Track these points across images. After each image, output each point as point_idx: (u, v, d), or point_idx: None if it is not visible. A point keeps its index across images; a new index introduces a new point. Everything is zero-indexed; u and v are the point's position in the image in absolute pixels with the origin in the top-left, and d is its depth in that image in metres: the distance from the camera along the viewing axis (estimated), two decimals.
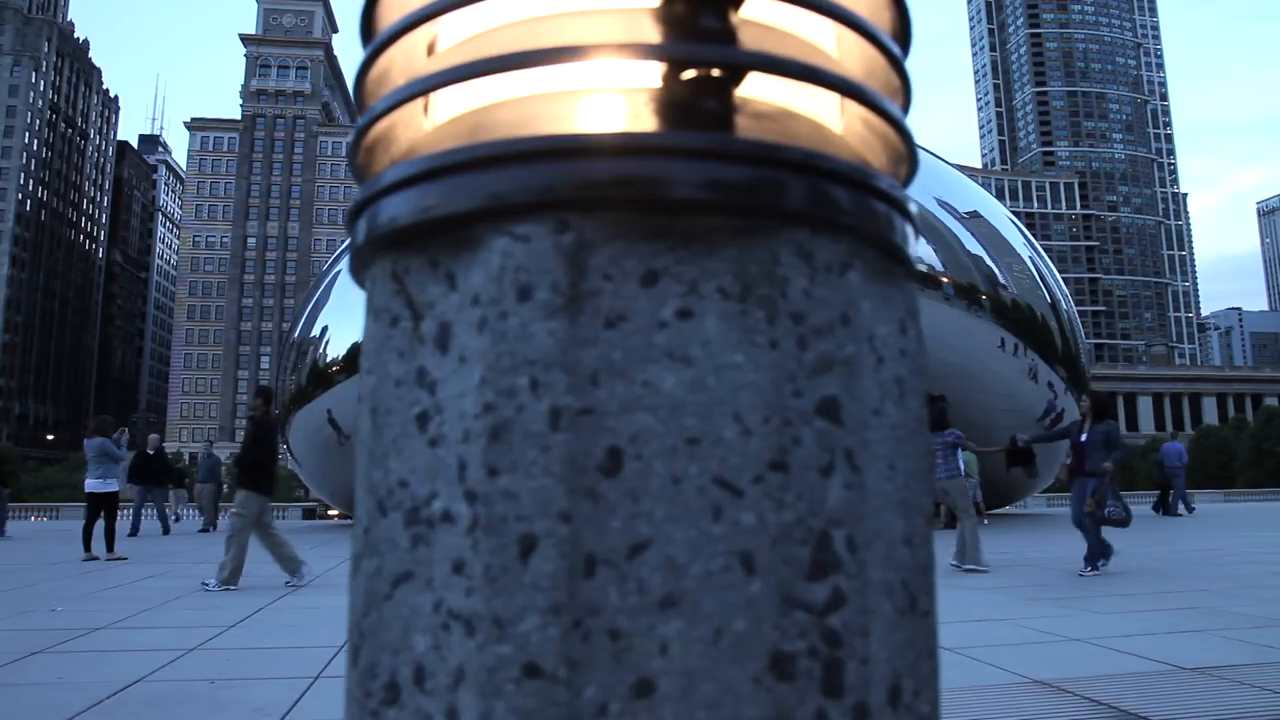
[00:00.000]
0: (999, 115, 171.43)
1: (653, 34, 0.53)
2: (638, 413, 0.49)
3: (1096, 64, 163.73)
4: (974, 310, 18.49)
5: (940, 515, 17.09)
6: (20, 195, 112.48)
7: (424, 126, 0.59)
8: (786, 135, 0.54)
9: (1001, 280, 19.05)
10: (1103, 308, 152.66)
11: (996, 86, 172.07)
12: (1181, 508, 19.36)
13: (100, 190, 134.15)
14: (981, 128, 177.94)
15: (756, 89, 0.55)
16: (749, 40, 0.55)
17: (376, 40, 0.60)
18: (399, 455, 0.55)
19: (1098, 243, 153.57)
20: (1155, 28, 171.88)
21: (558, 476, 0.49)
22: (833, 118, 0.62)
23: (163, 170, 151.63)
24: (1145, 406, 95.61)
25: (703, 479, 0.49)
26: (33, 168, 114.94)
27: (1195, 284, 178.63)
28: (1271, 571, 8.06)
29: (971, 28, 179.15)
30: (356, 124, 0.61)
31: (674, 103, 0.53)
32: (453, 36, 0.61)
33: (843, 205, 0.54)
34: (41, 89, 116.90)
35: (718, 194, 0.50)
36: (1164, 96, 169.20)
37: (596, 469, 0.49)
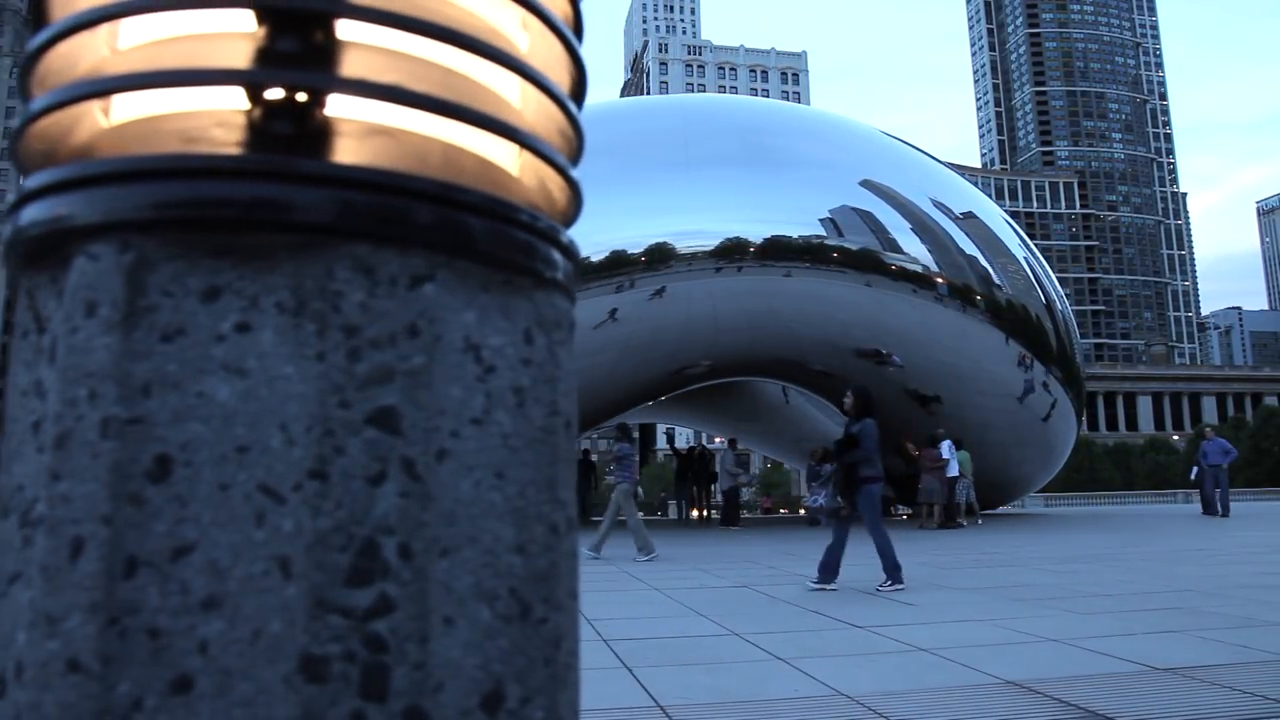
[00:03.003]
0: (998, 115, 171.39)
1: (241, 60, 0.56)
2: (190, 422, 0.52)
3: (1096, 63, 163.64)
4: (968, 311, 18.43)
5: (935, 516, 17.06)
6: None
7: (70, 141, 0.62)
8: (386, 159, 0.57)
9: (996, 281, 18.97)
10: (1102, 307, 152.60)
11: (996, 86, 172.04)
12: (1219, 506, 18.51)
13: None
14: (981, 127, 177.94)
15: (348, 112, 0.58)
16: (372, 71, 0.57)
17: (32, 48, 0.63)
18: (19, 460, 0.58)
19: (1097, 242, 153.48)
20: (1154, 27, 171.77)
21: (103, 482, 0.52)
22: (494, 152, 0.65)
23: None
24: (1145, 406, 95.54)
25: (249, 486, 0.52)
26: None
27: (1195, 283, 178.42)
28: (1260, 571, 8.00)
29: (970, 27, 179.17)
30: (15, 126, 0.63)
31: (250, 125, 0.55)
32: (86, 56, 0.63)
33: (412, 221, 0.56)
34: None
35: (261, 213, 0.53)
36: (1163, 96, 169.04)
37: (143, 475, 0.52)
